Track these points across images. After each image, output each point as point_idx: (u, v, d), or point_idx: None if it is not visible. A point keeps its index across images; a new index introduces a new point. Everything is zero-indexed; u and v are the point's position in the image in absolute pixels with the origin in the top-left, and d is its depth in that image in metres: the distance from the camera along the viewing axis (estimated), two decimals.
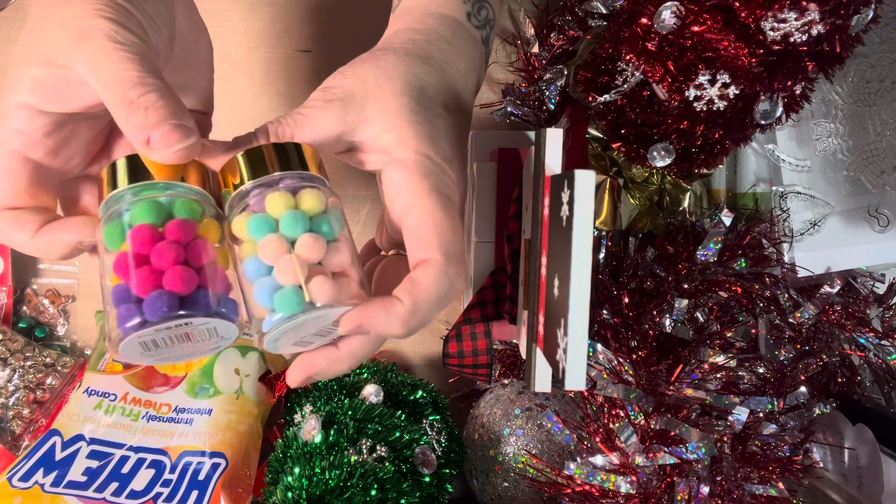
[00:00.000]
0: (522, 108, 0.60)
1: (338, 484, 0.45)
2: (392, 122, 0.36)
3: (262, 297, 0.31)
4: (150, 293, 0.30)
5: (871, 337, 0.53)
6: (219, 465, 0.52)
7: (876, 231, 0.55)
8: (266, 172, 0.33)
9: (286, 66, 0.63)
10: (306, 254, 0.31)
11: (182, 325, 0.31)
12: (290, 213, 0.32)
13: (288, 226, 0.32)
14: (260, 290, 0.31)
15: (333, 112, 0.36)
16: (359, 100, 0.36)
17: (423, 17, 0.42)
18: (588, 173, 0.32)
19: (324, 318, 0.32)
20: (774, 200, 0.58)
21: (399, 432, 0.50)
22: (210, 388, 0.57)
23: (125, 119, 0.31)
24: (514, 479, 0.56)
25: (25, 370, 0.59)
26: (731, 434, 0.47)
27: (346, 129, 0.37)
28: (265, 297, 0.31)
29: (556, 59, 0.59)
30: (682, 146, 0.48)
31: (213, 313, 0.31)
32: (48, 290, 0.63)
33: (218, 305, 0.31)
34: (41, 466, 0.51)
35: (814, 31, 0.38)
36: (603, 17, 0.56)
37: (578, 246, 0.32)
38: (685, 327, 0.49)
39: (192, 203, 0.33)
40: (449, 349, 0.52)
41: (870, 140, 0.56)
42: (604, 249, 0.54)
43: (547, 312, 0.38)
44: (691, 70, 0.41)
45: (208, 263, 0.32)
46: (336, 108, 0.36)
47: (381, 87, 0.37)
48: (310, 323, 0.32)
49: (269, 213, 0.32)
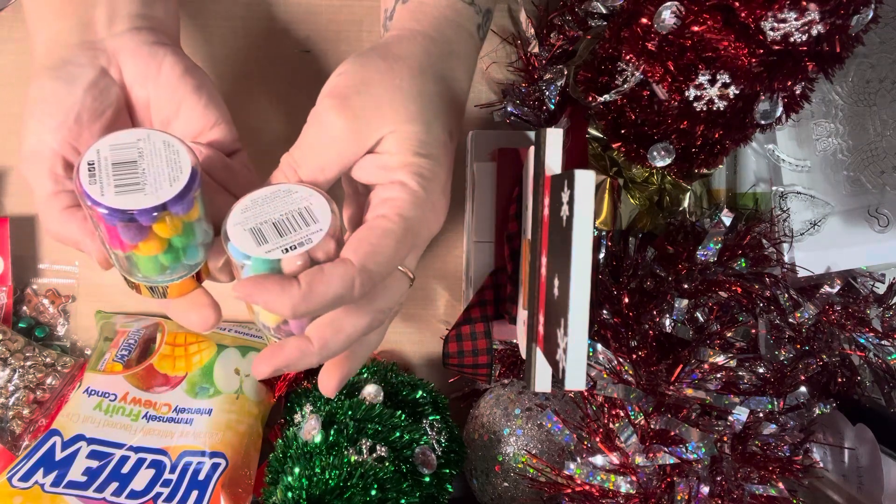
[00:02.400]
0: (522, 108, 0.60)
1: (338, 484, 0.45)
2: (400, 150, 0.38)
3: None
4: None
5: (871, 337, 0.53)
6: (219, 465, 0.52)
7: (876, 231, 0.55)
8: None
9: (286, 66, 0.63)
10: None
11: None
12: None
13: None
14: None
15: (349, 137, 0.38)
16: (375, 125, 0.38)
17: (440, 25, 0.43)
18: (588, 173, 0.32)
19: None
20: (774, 200, 0.58)
21: (399, 432, 0.50)
22: (210, 388, 0.57)
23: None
24: (514, 479, 0.56)
25: (25, 370, 0.59)
26: (731, 434, 0.47)
27: (357, 152, 0.39)
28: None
29: (556, 59, 0.59)
30: (682, 146, 0.48)
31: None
32: (48, 290, 0.63)
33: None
34: (41, 466, 0.51)
35: (814, 31, 0.38)
36: (603, 17, 0.56)
37: (578, 246, 0.32)
38: (685, 327, 0.49)
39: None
40: (449, 349, 0.52)
41: (870, 140, 0.56)
42: (604, 249, 0.54)
43: (547, 312, 0.38)
44: (691, 70, 0.41)
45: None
46: (351, 133, 0.38)
47: (397, 113, 0.38)
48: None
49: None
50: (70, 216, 0.38)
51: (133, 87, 0.41)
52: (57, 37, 0.41)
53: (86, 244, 0.38)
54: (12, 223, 0.61)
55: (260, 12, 0.63)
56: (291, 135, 0.37)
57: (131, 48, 0.41)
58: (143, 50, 0.41)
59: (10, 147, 0.61)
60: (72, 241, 0.38)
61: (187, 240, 0.36)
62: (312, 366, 0.37)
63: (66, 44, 0.40)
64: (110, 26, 0.41)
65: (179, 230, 0.35)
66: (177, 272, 0.38)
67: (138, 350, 0.59)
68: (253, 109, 0.63)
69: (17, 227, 0.62)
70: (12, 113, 0.60)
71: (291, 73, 0.63)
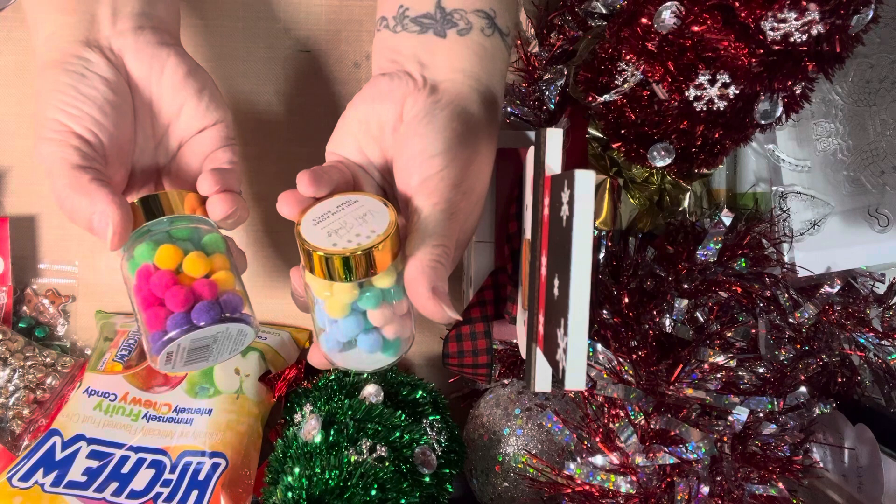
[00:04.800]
0: (522, 108, 0.60)
1: (338, 484, 0.45)
2: (426, 192, 0.41)
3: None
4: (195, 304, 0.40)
5: (871, 337, 0.53)
6: (219, 465, 0.52)
7: (876, 231, 0.55)
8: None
9: (286, 66, 0.63)
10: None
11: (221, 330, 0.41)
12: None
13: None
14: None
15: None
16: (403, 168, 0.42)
17: (483, 72, 0.45)
18: (588, 173, 0.32)
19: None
20: (774, 200, 0.58)
21: (399, 432, 0.50)
22: (210, 388, 0.57)
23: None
24: (514, 479, 0.56)
25: (25, 370, 0.59)
26: (731, 434, 0.47)
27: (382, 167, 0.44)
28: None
29: (556, 59, 0.59)
30: (682, 146, 0.48)
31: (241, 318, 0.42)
32: (48, 290, 0.63)
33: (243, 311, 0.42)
34: (41, 466, 0.51)
35: (814, 31, 0.38)
36: (603, 17, 0.56)
37: (578, 246, 0.32)
38: (685, 327, 0.49)
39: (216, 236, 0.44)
40: (449, 349, 0.52)
41: (870, 140, 0.56)
42: (604, 249, 0.54)
43: (547, 312, 0.38)
44: (691, 70, 0.41)
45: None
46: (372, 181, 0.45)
47: (430, 169, 0.41)
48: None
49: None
50: (98, 187, 0.38)
51: (137, 87, 0.42)
52: (61, 31, 0.41)
53: (104, 218, 0.38)
54: (12, 223, 0.61)
55: (260, 12, 0.63)
56: (291, 135, 0.38)
57: (136, 48, 0.41)
58: (148, 50, 0.41)
59: (10, 147, 0.61)
60: (88, 213, 0.39)
61: None
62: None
63: (71, 39, 0.40)
64: (114, 24, 0.41)
65: None
66: None
67: (138, 350, 0.59)
68: (253, 109, 0.63)
69: (17, 227, 0.62)
70: (12, 113, 0.60)
71: (291, 73, 0.63)
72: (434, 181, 0.40)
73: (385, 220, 0.39)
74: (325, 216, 0.39)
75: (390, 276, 0.40)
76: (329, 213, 0.40)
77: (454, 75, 0.43)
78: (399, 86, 0.42)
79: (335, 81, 0.63)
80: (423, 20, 0.43)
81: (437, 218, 0.40)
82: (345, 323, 0.41)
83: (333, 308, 0.40)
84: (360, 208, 0.40)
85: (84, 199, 0.38)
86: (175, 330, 0.40)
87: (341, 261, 0.37)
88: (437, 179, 0.40)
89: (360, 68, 0.63)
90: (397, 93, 0.42)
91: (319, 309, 0.41)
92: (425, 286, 0.38)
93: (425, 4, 0.43)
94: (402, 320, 0.42)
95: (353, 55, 0.63)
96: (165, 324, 0.40)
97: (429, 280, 0.38)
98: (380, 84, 0.43)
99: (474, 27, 0.44)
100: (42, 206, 0.63)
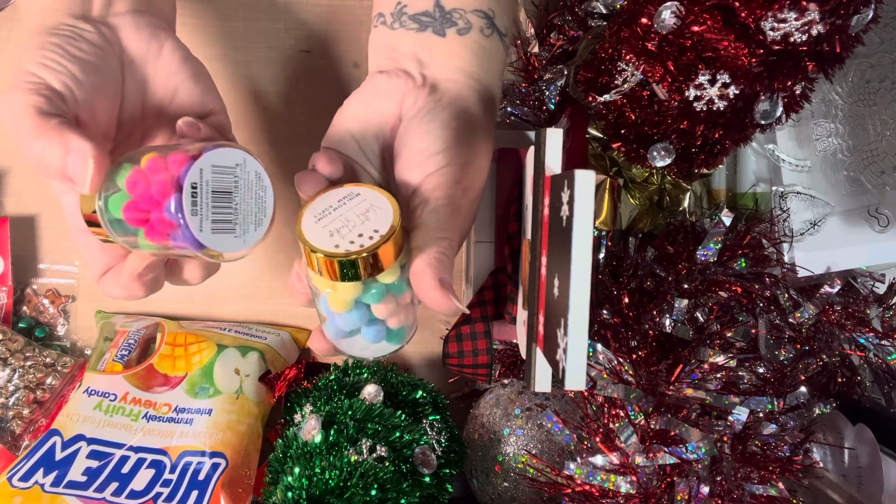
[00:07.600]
0: (522, 108, 0.60)
1: (338, 484, 0.45)
2: (429, 188, 0.41)
3: None
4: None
5: (871, 337, 0.53)
6: (219, 465, 0.52)
7: (876, 231, 0.55)
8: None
9: (286, 66, 0.63)
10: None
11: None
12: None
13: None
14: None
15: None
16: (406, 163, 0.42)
17: (482, 72, 0.45)
18: (588, 173, 0.32)
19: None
20: (774, 200, 0.58)
21: (399, 432, 0.50)
22: (210, 388, 0.57)
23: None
24: (514, 479, 0.56)
25: (25, 370, 0.59)
26: (731, 434, 0.47)
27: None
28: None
29: (556, 59, 0.59)
30: (682, 146, 0.48)
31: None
32: (48, 290, 0.63)
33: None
34: (41, 466, 0.51)
35: (814, 31, 0.38)
36: (603, 17, 0.56)
37: (578, 246, 0.32)
38: (685, 327, 0.49)
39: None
40: (449, 349, 0.52)
41: (870, 140, 0.56)
42: (604, 249, 0.54)
43: (547, 312, 0.38)
44: (691, 70, 0.41)
45: None
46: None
47: (437, 175, 0.41)
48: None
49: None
50: (70, 129, 0.35)
51: (131, 66, 0.41)
52: (55, 5, 0.40)
53: (80, 155, 0.35)
54: (12, 223, 0.61)
55: (260, 12, 0.63)
56: (291, 135, 0.37)
57: (134, 26, 0.41)
58: (146, 30, 0.41)
59: (10, 147, 0.61)
60: (61, 154, 0.35)
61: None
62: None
63: (66, 13, 0.39)
64: (110, 5, 0.41)
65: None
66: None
67: (138, 350, 0.59)
68: (253, 109, 0.63)
69: (17, 227, 0.62)
70: None
71: (291, 73, 0.63)
72: (436, 178, 0.41)
73: (388, 216, 0.38)
74: (327, 212, 0.39)
75: (394, 271, 0.39)
76: (330, 207, 0.39)
77: (454, 75, 0.43)
78: (397, 84, 0.42)
79: (335, 81, 0.63)
80: (422, 18, 0.43)
81: (441, 213, 0.40)
82: (349, 316, 0.41)
83: (337, 303, 0.40)
84: (362, 203, 0.39)
85: (55, 140, 0.35)
86: (185, 166, 0.34)
87: (345, 263, 0.37)
88: (439, 176, 0.41)
89: (359, 68, 0.63)
90: (395, 91, 0.42)
91: (323, 301, 0.41)
92: (433, 278, 0.38)
93: (424, 2, 0.43)
94: (405, 310, 0.42)
95: (353, 55, 0.63)
96: (177, 171, 0.34)
97: (435, 272, 0.38)
98: (377, 82, 0.43)
99: (474, 27, 0.44)
100: (42, 206, 0.63)
